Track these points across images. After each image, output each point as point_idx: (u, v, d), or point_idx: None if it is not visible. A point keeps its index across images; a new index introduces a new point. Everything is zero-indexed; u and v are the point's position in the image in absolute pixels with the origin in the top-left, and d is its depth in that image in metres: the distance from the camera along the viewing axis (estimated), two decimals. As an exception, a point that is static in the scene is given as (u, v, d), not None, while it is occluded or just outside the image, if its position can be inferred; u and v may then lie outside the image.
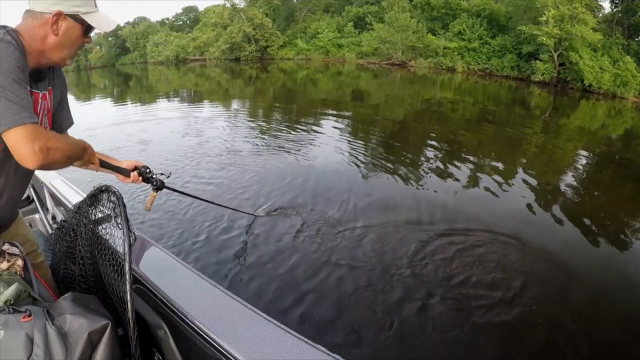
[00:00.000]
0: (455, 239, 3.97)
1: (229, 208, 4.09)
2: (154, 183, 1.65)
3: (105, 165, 1.41)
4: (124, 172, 1.52)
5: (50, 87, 1.28)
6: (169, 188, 1.74)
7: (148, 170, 1.61)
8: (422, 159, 7.05)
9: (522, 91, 21.31)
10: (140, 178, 1.58)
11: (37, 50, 1.12)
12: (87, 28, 1.19)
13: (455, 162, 6.74)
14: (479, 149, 7.98)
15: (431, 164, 6.69)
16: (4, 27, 1.07)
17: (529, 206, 4.97)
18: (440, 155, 7.23)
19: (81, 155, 1.21)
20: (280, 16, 42.52)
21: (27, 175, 1.29)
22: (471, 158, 7.12)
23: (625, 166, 8.11)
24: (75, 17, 1.15)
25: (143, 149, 7.60)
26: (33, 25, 1.12)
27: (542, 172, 6.68)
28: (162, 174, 1.69)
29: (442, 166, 6.50)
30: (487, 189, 5.53)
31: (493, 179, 5.97)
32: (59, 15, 1.11)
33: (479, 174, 6.22)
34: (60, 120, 1.38)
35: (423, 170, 6.33)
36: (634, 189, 6.55)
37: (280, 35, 39.56)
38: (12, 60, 0.99)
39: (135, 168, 1.57)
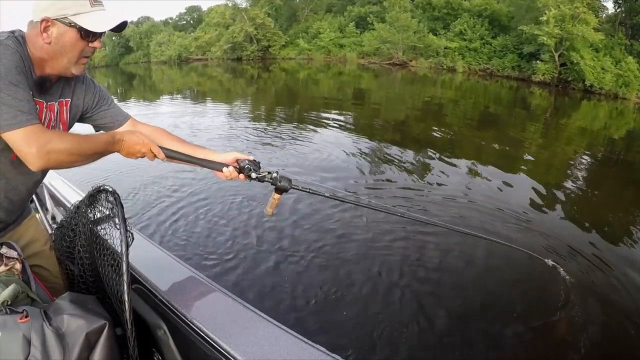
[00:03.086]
0: (453, 237, 3.95)
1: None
2: (275, 183, 1.33)
3: (176, 157, 1.25)
4: (213, 167, 1.31)
5: (67, 99, 1.24)
6: (298, 188, 1.37)
7: (250, 166, 1.31)
8: (423, 158, 7.04)
9: (523, 91, 21.26)
10: (241, 175, 1.32)
11: (39, 58, 1.10)
12: (85, 31, 1.08)
13: (456, 162, 6.73)
14: (479, 149, 7.97)
15: (431, 163, 6.68)
16: (13, 32, 1.07)
17: (529, 207, 4.95)
18: (440, 155, 7.21)
19: (105, 149, 1.11)
20: (282, 16, 42.54)
21: (30, 179, 1.24)
22: (471, 158, 7.10)
23: (628, 168, 8.07)
24: (64, 21, 1.06)
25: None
26: (31, 34, 1.08)
27: (542, 173, 6.67)
28: (269, 172, 1.35)
29: (441, 165, 6.49)
30: (486, 189, 5.52)
31: (493, 180, 5.95)
32: (46, 21, 1.05)
33: (478, 174, 6.21)
34: (104, 120, 1.35)
35: (423, 168, 6.33)
36: (636, 191, 6.51)
37: (282, 35, 39.58)
38: (9, 62, 0.98)
39: (237, 162, 1.33)
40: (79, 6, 1.07)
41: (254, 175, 1.31)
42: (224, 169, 1.30)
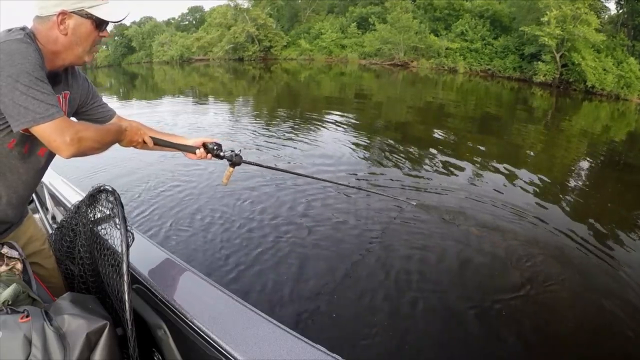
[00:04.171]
0: (452, 237, 3.98)
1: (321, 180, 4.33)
2: (231, 159, 1.61)
3: (161, 143, 1.45)
4: (188, 149, 1.52)
5: (66, 92, 1.29)
6: (247, 162, 1.70)
7: (216, 147, 1.56)
8: (423, 159, 7.03)
9: (524, 92, 21.19)
10: (209, 155, 1.55)
11: (51, 52, 1.14)
12: (99, 22, 1.17)
13: (456, 163, 6.72)
14: (479, 150, 7.95)
15: (432, 164, 6.67)
16: (24, 28, 1.11)
17: (530, 208, 4.93)
18: (440, 156, 7.20)
19: (116, 138, 1.26)
20: (284, 16, 42.57)
21: (37, 173, 1.29)
22: (471, 159, 7.10)
23: (630, 169, 8.04)
24: (81, 13, 1.13)
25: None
26: (43, 29, 1.13)
27: (543, 175, 6.63)
28: (232, 150, 1.63)
29: (442, 167, 6.48)
30: (487, 190, 5.51)
31: (493, 180, 5.94)
32: (63, 14, 1.11)
33: (479, 175, 6.21)
34: (97, 115, 1.44)
35: (424, 170, 6.33)
36: (636, 191, 6.49)
37: (283, 36, 39.61)
38: (33, 59, 1.03)
39: (204, 145, 1.55)
40: None
41: (221, 154, 1.58)
42: (197, 151, 1.52)
